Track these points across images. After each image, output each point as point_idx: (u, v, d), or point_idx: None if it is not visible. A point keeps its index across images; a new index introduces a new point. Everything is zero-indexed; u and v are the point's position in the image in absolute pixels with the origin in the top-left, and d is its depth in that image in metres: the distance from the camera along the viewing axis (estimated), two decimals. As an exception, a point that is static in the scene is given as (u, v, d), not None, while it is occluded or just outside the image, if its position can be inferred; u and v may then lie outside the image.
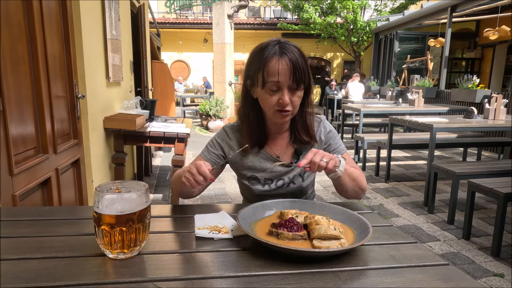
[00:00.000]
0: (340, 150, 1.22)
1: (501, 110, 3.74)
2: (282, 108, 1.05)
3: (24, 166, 1.41)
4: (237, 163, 1.21)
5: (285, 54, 1.01)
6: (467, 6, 6.98)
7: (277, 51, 1.02)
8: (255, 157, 1.18)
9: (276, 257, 0.75)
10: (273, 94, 1.04)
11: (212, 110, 7.93)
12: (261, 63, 1.03)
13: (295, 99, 1.05)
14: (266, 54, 1.02)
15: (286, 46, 1.03)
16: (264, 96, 1.06)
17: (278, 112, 1.06)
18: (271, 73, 1.01)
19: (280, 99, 1.04)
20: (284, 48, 1.02)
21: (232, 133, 1.21)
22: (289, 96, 1.04)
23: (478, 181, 2.56)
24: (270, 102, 1.05)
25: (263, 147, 1.18)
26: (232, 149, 1.19)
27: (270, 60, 1.02)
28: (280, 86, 1.03)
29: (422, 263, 0.76)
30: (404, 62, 9.37)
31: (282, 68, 1.01)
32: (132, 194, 0.73)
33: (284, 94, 1.03)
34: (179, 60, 16.01)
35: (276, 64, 1.01)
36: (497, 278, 2.15)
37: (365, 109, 5.44)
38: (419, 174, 4.58)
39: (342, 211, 0.96)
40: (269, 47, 1.03)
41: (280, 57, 1.01)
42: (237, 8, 8.12)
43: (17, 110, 1.39)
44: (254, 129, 1.15)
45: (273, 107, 1.06)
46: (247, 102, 1.15)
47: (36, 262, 0.70)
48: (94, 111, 2.34)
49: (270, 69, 1.02)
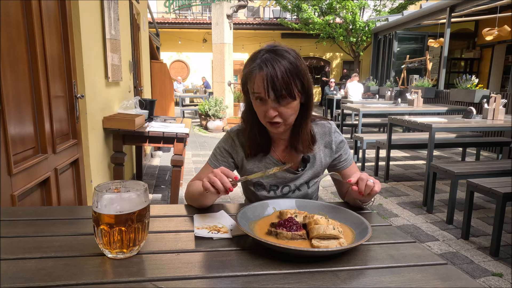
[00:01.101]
0: (349, 161, 1.21)
1: (500, 110, 3.74)
2: (269, 120, 1.03)
3: (23, 166, 1.41)
4: (243, 169, 1.19)
5: (266, 67, 0.97)
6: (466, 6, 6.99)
7: (258, 65, 0.99)
8: (261, 162, 1.16)
9: (275, 256, 0.75)
10: (261, 105, 1.02)
11: (211, 110, 7.93)
12: (246, 74, 1.03)
13: (283, 110, 1.01)
14: (249, 66, 1.02)
15: (273, 57, 0.98)
16: (255, 106, 1.05)
17: (268, 123, 1.05)
18: (252, 86, 1.01)
19: (267, 112, 1.01)
20: (268, 60, 0.98)
21: (237, 137, 1.18)
22: (276, 108, 1.00)
23: (477, 181, 2.56)
24: (260, 113, 1.04)
25: (268, 152, 1.16)
26: (238, 154, 1.17)
27: (251, 72, 1.00)
28: (263, 99, 1.00)
29: (421, 262, 0.76)
30: (403, 62, 9.39)
31: (259, 82, 0.98)
32: (131, 194, 0.73)
33: (269, 108, 1.00)
34: (178, 60, 16.01)
35: (255, 77, 0.99)
36: (496, 277, 2.16)
37: (364, 109, 5.45)
38: (418, 174, 4.58)
39: (341, 211, 0.96)
40: (258, 57, 1.01)
41: (259, 71, 0.98)
42: (236, 8, 8.12)
43: (16, 110, 1.39)
44: (256, 136, 1.13)
45: (263, 118, 1.05)
46: (249, 107, 1.12)
47: (34, 262, 0.70)
48: (93, 111, 2.34)
49: (251, 82, 1.01)
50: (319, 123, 1.19)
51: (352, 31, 12.38)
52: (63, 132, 1.88)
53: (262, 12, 16.31)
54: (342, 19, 12.43)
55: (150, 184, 3.98)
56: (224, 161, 1.17)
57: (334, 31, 12.51)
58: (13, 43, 1.38)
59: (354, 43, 12.86)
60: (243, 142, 1.17)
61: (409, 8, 11.65)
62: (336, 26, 12.52)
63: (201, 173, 1.18)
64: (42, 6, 1.60)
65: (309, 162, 1.16)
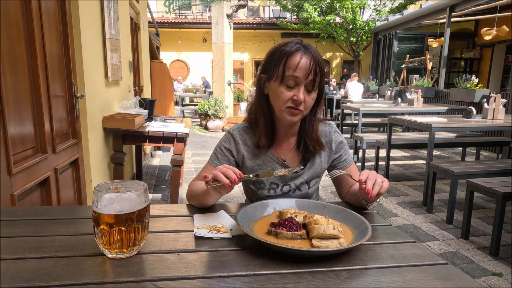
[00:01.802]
0: (349, 161, 1.22)
1: (500, 110, 3.75)
2: (295, 105, 1.03)
3: (23, 165, 1.41)
4: (243, 167, 1.19)
5: (309, 52, 1.01)
6: (466, 6, 6.99)
7: (301, 47, 1.02)
8: (261, 160, 1.16)
9: (275, 256, 0.75)
10: (289, 90, 1.02)
11: (211, 110, 7.93)
12: (284, 55, 1.02)
13: (308, 99, 1.04)
14: (290, 48, 1.02)
15: (309, 46, 1.04)
16: (279, 90, 1.04)
17: (289, 109, 1.04)
18: (292, 67, 1.00)
19: (295, 95, 1.01)
20: (308, 47, 1.03)
21: (239, 135, 1.18)
22: (304, 95, 1.02)
23: (477, 180, 2.56)
24: (283, 97, 1.03)
25: (269, 149, 1.16)
26: (239, 153, 1.17)
27: (294, 54, 1.01)
28: (298, 82, 1.01)
29: (421, 262, 0.76)
30: (403, 62, 9.38)
31: (304, 63, 1.00)
32: (131, 194, 0.73)
33: (300, 90, 1.01)
34: (178, 59, 16.00)
35: (299, 58, 1.00)
36: (496, 277, 2.16)
37: (364, 108, 5.44)
38: (418, 173, 4.58)
39: (341, 211, 0.96)
40: (292, 43, 1.03)
41: (304, 52, 1.01)
42: (236, 7, 8.12)
43: (16, 109, 1.39)
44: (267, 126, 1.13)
45: (285, 103, 1.04)
46: (261, 98, 1.12)
47: (34, 262, 0.70)
48: (93, 111, 2.33)
49: (291, 62, 1.00)
50: (321, 123, 1.19)
51: (352, 30, 12.37)
52: (63, 131, 1.88)
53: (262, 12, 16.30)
54: (342, 19, 12.42)
55: (150, 184, 3.98)
56: (225, 159, 1.17)
57: (334, 31, 12.51)
58: (13, 43, 1.38)
59: (354, 42, 12.85)
60: (244, 140, 1.17)
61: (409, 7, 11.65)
62: (336, 26, 12.51)
63: (203, 173, 1.18)
64: (42, 5, 1.59)
65: (309, 162, 1.16)
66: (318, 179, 1.22)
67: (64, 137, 1.91)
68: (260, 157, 1.16)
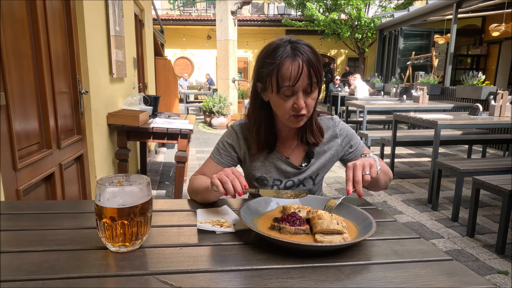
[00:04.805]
0: (360, 149, 1.19)
1: (507, 107, 3.70)
2: (297, 113, 1.00)
3: (28, 161, 1.42)
4: (246, 164, 1.18)
5: (298, 56, 0.95)
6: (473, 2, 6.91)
7: (289, 53, 0.95)
8: (266, 158, 1.15)
9: (278, 251, 0.75)
10: (287, 99, 0.99)
11: (216, 107, 7.93)
12: (274, 66, 0.96)
13: (309, 101, 1.00)
14: (279, 56, 0.96)
15: (298, 46, 0.96)
16: (278, 101, 1.00)
17: (293, 117, 1.01)
18: (285, 78, 0.95)
19: (295, 104, 0.98)
20: (297, 49, 0.96)
21: (241, 132, 1.16)
22: (304, 99, 0.99)
23: (483, 178, 2.54)
24: (284, 108, 1.00)
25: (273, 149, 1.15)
26: (241, 149, 1.16)
27: (284, 63, 0.95)
28: (295, 90, 0.97)
29: (426, 258, 0.75)
30: (408, 58, 9.30)
31: (296, 72, 0.94)
32: (133, 187, 0.73)
33: (299, 98, 0.98)
34: (182, 57, 16.02)
35: (289, 67, 0.95)
36: (502, 275, 2.14)
37: (369, 106, 5.41)
38: (423, 171, 4.55)
39: (345, 206, 0.95)
40: (281, 48, 0.96)
41: (294, 59, 0.95)
42: (240, 4, 8.09)
43: (21, 105, 1.40)
44: (263, 134, 1.11)
45: (287, 113, 1.01)
46: (256, 105, 1.09)
47: (38, 255, 0.70)
48: (98, 107, 2.34)
49: (283, 74, 0.95)
50: (323, 118, 1.19)
51: (357, 27, 12.29)
52: (67, 127, 1.89)
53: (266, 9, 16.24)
54: (347, 15, 12.35)
55: (154, 180, 3.99)
56: (228, 155, 1.16)
57: (339, 28, 12.43)
58: (18, 39, 1.38)
59: (359, 39, 12.77)
60: (246, 136, 1.16)
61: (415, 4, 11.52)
62: (341, 23, 12.44)
63: (205, 167, 1.18)
64: (47, 3, 1.60)
65: (313, 158, 1.16)
66: (323, 173, 1.21)
67: (69, 133, 1.92)
68: (265, 156, 1.16)
